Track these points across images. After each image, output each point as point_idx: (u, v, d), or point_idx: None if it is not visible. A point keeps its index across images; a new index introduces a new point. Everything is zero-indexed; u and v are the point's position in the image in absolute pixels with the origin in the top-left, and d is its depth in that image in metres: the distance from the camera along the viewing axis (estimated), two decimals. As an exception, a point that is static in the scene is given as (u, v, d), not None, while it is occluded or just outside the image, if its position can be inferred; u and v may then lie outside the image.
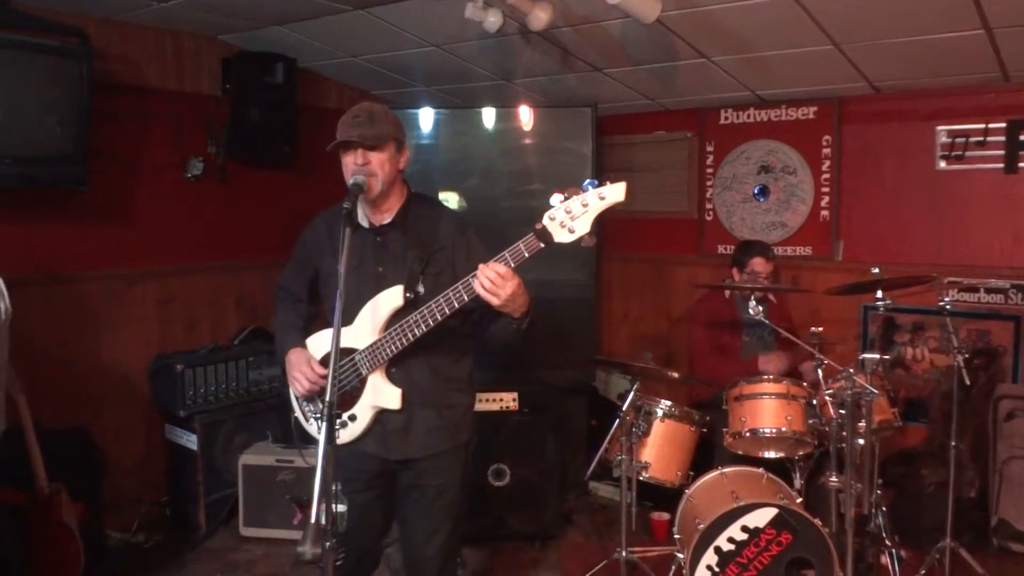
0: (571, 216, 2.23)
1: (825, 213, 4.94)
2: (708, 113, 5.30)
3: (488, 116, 5.04)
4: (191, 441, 4.35)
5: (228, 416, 4.48)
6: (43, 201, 4.04)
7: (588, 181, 2.25)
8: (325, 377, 2.61)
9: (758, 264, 4.25)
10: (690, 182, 5.44)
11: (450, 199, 4.98)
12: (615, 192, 2.22)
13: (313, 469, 2.02)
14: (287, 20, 4.32)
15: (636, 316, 5.74)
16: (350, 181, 2.50)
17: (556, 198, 2.26)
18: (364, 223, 2.64)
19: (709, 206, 5.37)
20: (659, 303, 5.61)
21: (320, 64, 5.13)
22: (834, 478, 3.29)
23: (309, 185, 5.15)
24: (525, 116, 5.01)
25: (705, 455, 3.88)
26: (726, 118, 5.25)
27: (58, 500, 3.50)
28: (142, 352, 4.54)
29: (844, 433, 3.25)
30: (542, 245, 2.27)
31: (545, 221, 2.25)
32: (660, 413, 3.73)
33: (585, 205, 2.22)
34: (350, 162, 2.54)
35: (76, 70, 3.76)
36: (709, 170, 5.35)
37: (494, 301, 2.32)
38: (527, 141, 5.03)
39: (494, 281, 2.30)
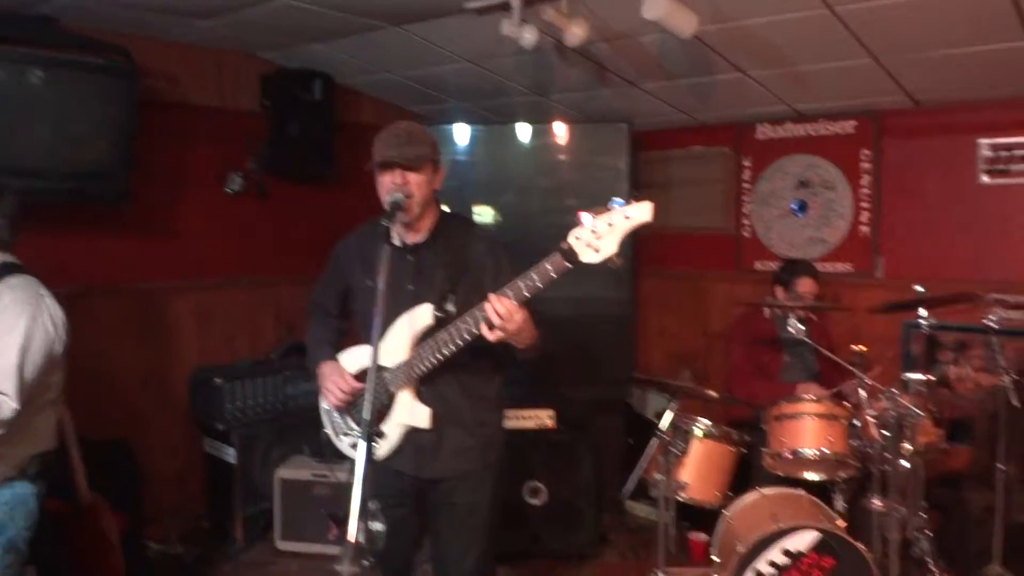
0: (597, 236, 2.19)
1: (865, 229, 4.85)
2: (745, 128, 5.23)
3: (523, 132, 5.02)
4: (229, 454, 4.37)
5: (265, 430, 4.49)
6: (87, 215, 4.09)
7: (614, 200, 2.21)
8: (357, 389, 2.63)
9: (805, 285, 4.16)
10: (727, 197, 5.37)
11: (484, 213, 4.97)
12: (641, 212, 2.17)
13: (348, 485, 2.01)
14: (324, 37, 4.35)
15: (672, 332, 5.67)
16: (388, 199, 2.49)
17: (584, 217, 2.23)
18: (396, 242, 2.63)
19: (746, 221, 5.30)
20: (696, 319, 5.54)
21: (356, 80, 5.16)
22: (877, 501, 3.21)
23: (346, 200, 5.15)
24: (560, 132, 4.99)
25: (744, 475, 3.80)
26: (763, 133, 5.18)
27: (99, 511, 3.52)
28: (182, 365, 4.57)
29: (888, 455, 3.17)
30: (568, 265, 2.24)
31: (571, 240, 2.22)
32: (698, 432, 3.65)
33: (611, 225, 2.17)
34: (387, 182, 2.52)
35: (121, 88, 3.82)
36: (746, 185, 5.28)
37: (499, 334, 2.32)
38: (562, 157, 5.01)
39: (501, 316, 2.30)
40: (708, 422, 3.69)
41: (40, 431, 2.78)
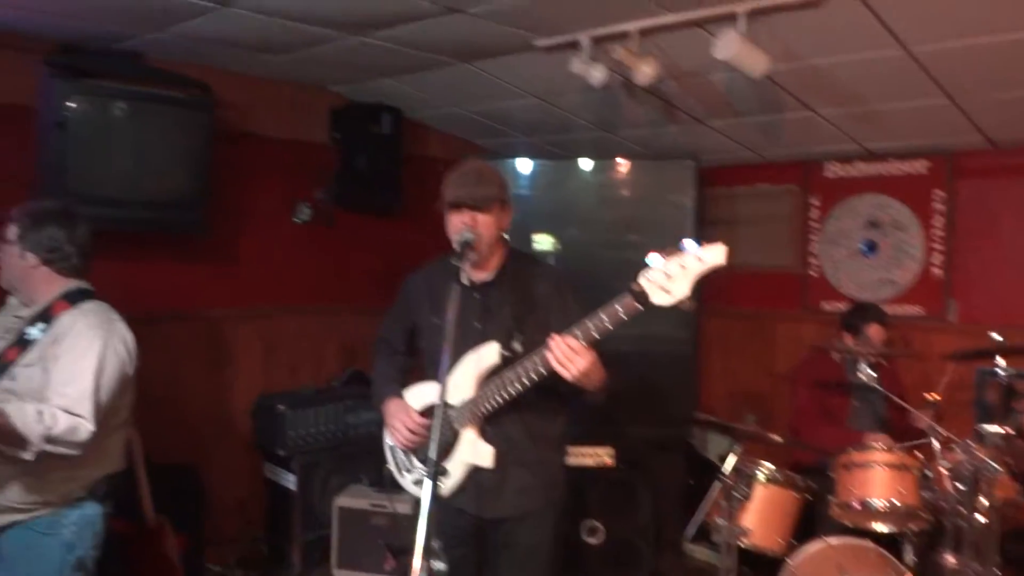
0: (669, 278, 2.17)
1: (937, 271, 4.73)
2: (813, 166, 5.16)
3: (587, 167, 5.03)
4: (290, 481, 4.42)
5: (326, 457, 4.53)
6: (161, 242, 4.21)
7: (687, 241, 2.20)
8: (425, 426, 2.63)
9: (875, 331, 4.06)
10: (793, 236, 5.29)
11: (543, 242, 4.98)
12: (714, 255, 2.14)
13: (405, 516, 2.01)
14: (395, 73, 4.44)
15: (736, 372, 5.58)
16: (458, 239, 2.51)
17: (654, 258, 2.21)
18: (464, 280, 2.62)
19: (814, 260, 5.21)
20: (760, 359, 5.45)
21: (424, 114, 5.24)
22: (950, 557, 3.09)
23: (411, 232, 5.23)
24: (625, 167, 4.98)
25: (808, 523, 3.70)
26: (832, 171, 5.10)
27: (163, 533, 3.60)
28: (247, 391, 4.65)
29: (962, 509, 3.05)
30: (639, 307, 2.22)
31: (642, 282, 2.20)
32: (762, 477, 3.57)
33: (683, 267, 2.15)
34: (457, 221, 2.55)
35: (200, 120, 3.95)
36: (814, 224, 5.20)
37: (565, 374, 2.31)
38: (626, 192, 5.01)
39: (566, 355, 2.29)
40: (772, 466, 3.61)
41: (110, 453, 2.85)
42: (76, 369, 2.64)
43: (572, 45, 3.61)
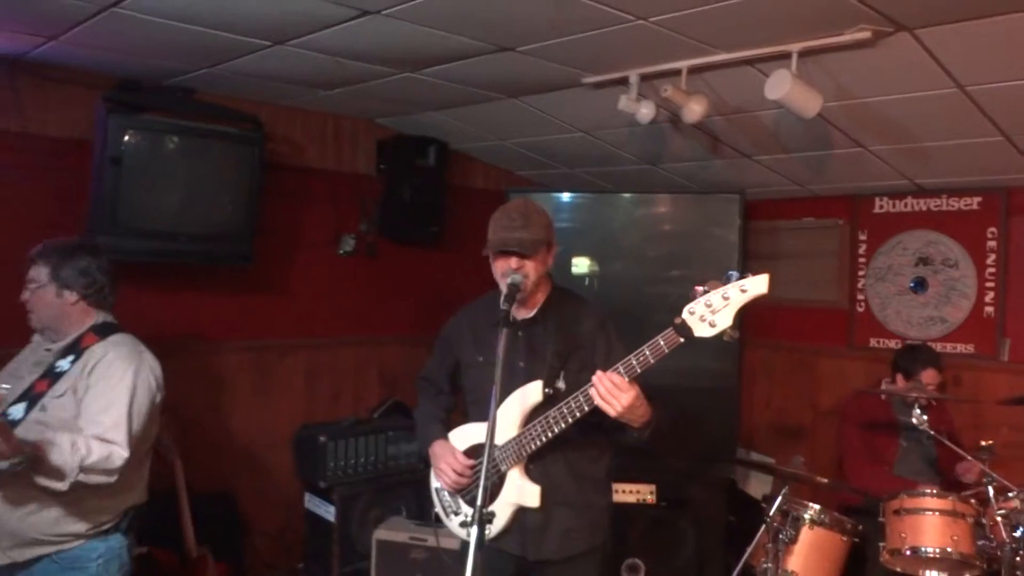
0: (712, 310, 2.16)
1: (990, 309, 4.64)
2: (861, 201, 5.11)
3: (632, 201, 5.03)
4: (329, 512, 4.43)
5: (365, 489, 4.53)
6: (210, 274, 4.28)
7: (730, 272, 2.19)
8: (472, 468, 2.64)
9: (929, 376, 4.00)
10: (840, 271, 5.23)
11: (581, 265, 4.98)
12: (757, 284, 2.14)
13: (446, 552, 2.01)
14: (442, 107, 4.48)
15: (780, 407, 5.51)
16: (507, 281, 2.52)
17: (697, 291, 2.21)
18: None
19: (861, 297, 5.14)
20: (804, 395, 5.38)
21: (469, 146, 5.28)
22: (1008, 608, 3.01)
23: (453, 263, 5.27)
24: (669, 201, 4.97)
25: (856, 567, 3.64)
26: (881, 206, 5.05)
27: (204, 563, 3.63)
28: (289, 421, 4.69)
29: (1019, 559, 2.98)
30: (682, 340, 2.22)
31: (685, 315, 2.20)
32: (809, 519, 3.53)
33: (726, 298, 2.15)
34: (503, 265, 2.56)
35: (249, 153, 4.02)
36: (861, 259, 5.14)
37: (610, 411, 2.30)
38: (670, 226, 4.99)
39: (610, 391, 2.28)
40: (819, 507, 3.56)
41: (136, 484, 2.87)
42: (110, 397, 2.68)
43: (620, 82, 3.62)
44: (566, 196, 5.07)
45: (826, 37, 2.99)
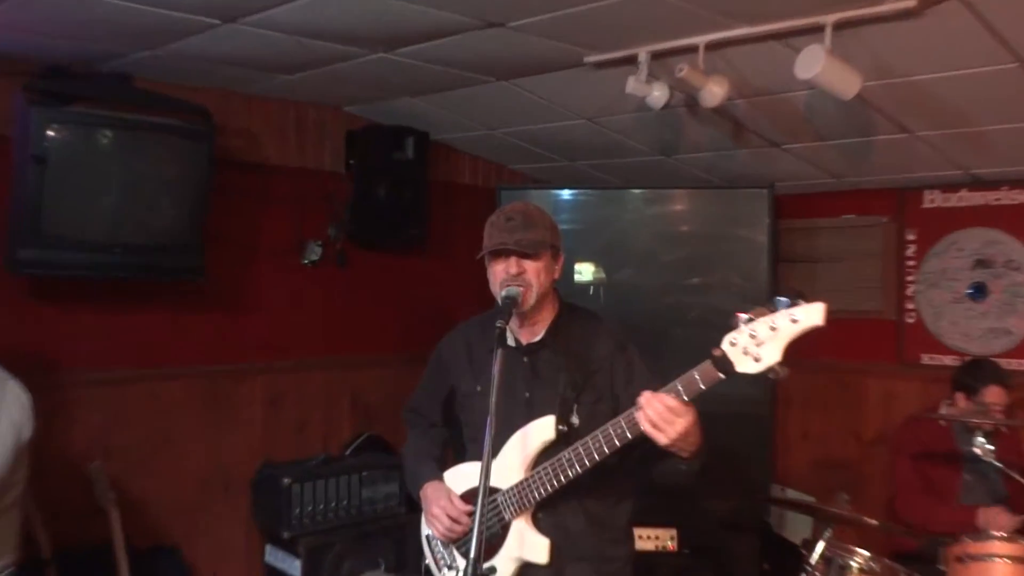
0: (757, 341, 2.14)
1: (1062, 318, 4.65)
2: (909, 194, 5.12)
3: (642, 198, 5.03)
4: (294, 567, 4.38)
5: (337, 539, 4.49)
6: (152, 290, 4.26)
7: (778, 298, 2.17)
8: (469, 515, 2.61)
9: (994, 394, 3.98)
10: (886, 276, 5.24)
11: (586, 272, 4.97)
12: (811, 315, 2.11)
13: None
14: (421, 92, 4.47)
15: (818, 435, 5.50)
16: (502, 294, 2.51)
17: (740, 319, 2.19)
18: (510, 340, 2.64)
19: (910, 306, 5.14)
20: (847, 421, 5.37)
21: (453, 136, 5.28)
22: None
23: (438, 271, 5.26)
24: (687, 198, 4.97)
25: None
26: (931, 200, 5.06)
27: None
28: (247, 459, 4.66)
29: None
30: (721, 376, 2.20)
31: (725, 346, 2.18)
32: (856, 567, 3.50)
33: (774, 328, 2.12)
34: (501, 271, 2.55)
35: (197, 149, 4.00)
36: (910, 263, 5.14)
37: (661, 439, 2.26)
38: (688, 227, 5.00)
39: (663, 416, 2.24)
40: (867, 554, 3.54)
41: (3, 539, 2.82)
42: None
43: (628, 61, 3.61)
44: (566, 193, 5.07)
45: (865, 6, 2.98)
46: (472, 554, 2.11)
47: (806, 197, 5.43)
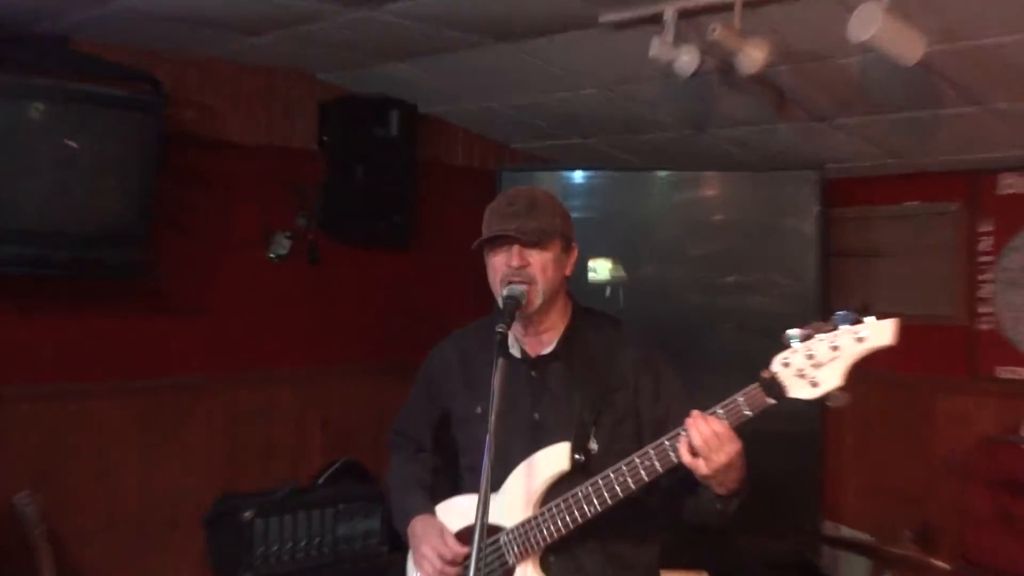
0: (814, 363, 2.18)
1: None
2: (982, 178, 5.12)
3: (669, 181, 5.06)
4: (259, 616, 4.43)
5: (309, 583, 4.54)
6: (90, 288, 4.28)
7: (838, 313, 2.19)
8: (466, 557, 2.57)
9: None
10: (956, 274, 5.24)
11: (601, 270, 4.99)
12: (879, 333, 2.14)
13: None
14: (407, 56, 4.50)
15: (877, 461, 5.51)
16: (503, 293, 2.52)
17: (793, 335, 2.21)
18: (515, 351, 2.64)
19: (985, 309, 5.14)
20: (911, 444, 5.37)
21: (445, 109, 5.31)
22: None
23: (427, 268, 5.30)
24: (721, 181, 5.00)
25: None
26: (1009, 185, 5.07)
27: None
28: (201, 489, 4.68)
29: None
30: (771, 402, 2.23)
31: (776, 368, 2.21)
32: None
33: (835, 348, 2.16)
34: (501, 264, 2.55)
35: (145, 123, 4.03)
36: (985, 258, 5.15)
37: (701, 469, 2.27)
38: (723, 216, 5.01)
39: (709, 442, 2.25)
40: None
41: None
42: None
43: (652, 20, 3.63)
44: (579, 176, 5.09)
45: (930, -44, 3.02)
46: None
47: (861, 181, 5.43)
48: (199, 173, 4.62)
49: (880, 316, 2.15)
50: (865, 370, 5.31)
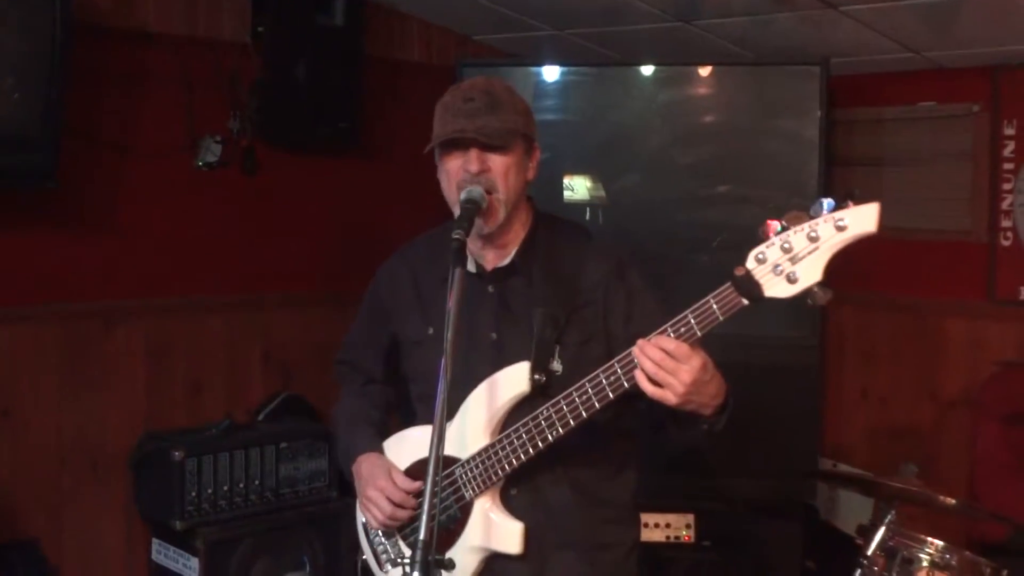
0: (792, 257, 2.15)
1: None
2: (1008, 74, 5.13)
3: (654, 78, 5.02)
4: (190, 568, 4.43)
5: (247, 531, 4.55)
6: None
7: (820, 200, 2.17)
8: (417, 495, 2.61)
9: None
10: (976, 184, 5.27)
11: (579, 189, 5.00)
12: (861, 219, 2.10)
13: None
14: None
15: (882, 395, 5.57)
16: (460, 196, 2.49)
17: (770, 227, 2.20)
18: (470, 266, 2.65)
19: (1007, 223, 5.17)
20: (920, 374, 5.43)
21: (398, -4, 5.25)
22: None
23: (377, 177, 5.27)
24: (713, 78, 4.97)
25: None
26: (1039, 82, 5.08)
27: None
28: (122, 428, 4.67)
29: None
30: (745, 302, 2.21)
31: (751, 264, 2.19)
32: (927, 562, 3.58)
33: (814, 238, 2.13)
34: (457, 169, 2.53)
35: (47, 12, 3.91)
36: (1008, 166, 5.17)
37: (669, 399, 2.26)
38: (715, 117, 4.99)
39: (663, 364, 2.23)
40: (942, 544, 3.61)
41: None
42: None
43: None
44: (551, 72, 5.06)
45: None
46: (422, 541, 2.10)
47: (871, 78, 5.44)
48: (114, 70, 4.55)
49: (858, 200, 2.11)
50: (870, 292, 5.38)
